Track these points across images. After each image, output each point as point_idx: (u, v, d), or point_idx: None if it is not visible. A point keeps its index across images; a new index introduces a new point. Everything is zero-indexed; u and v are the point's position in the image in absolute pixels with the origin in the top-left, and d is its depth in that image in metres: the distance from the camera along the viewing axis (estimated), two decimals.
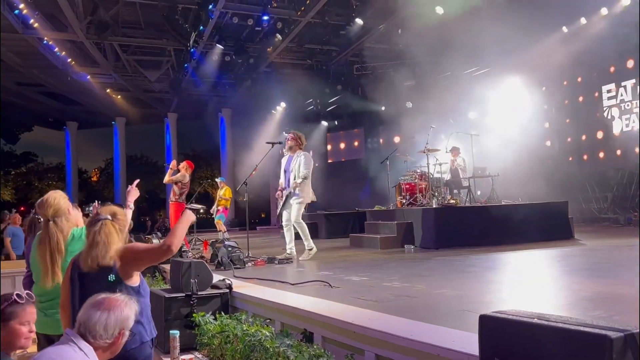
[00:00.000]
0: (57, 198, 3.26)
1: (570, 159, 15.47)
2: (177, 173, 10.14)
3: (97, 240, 2.68)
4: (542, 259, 6.94)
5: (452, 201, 9.78)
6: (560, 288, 4.74)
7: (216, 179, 12.87)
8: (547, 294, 4.46)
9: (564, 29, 14.13)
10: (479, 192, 11.66)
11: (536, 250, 7.67)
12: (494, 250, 7.79)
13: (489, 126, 16.28)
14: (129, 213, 3.43)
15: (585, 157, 15.04)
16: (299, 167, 7.51)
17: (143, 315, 2.68)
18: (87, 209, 7.20)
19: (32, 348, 3.19)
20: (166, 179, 10.27)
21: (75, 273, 2.76)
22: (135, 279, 2.74)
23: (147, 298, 2.79)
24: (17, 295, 2.27)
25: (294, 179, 7.50)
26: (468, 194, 10.78)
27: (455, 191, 11.26)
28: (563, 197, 14.02)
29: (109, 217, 2.76)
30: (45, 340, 3.22)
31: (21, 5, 14.94)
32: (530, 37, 14.00)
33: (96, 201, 5.09)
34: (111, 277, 2.65)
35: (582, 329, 1.60)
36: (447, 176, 11.41)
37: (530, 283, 5.02)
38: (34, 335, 2.34)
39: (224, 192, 12.01)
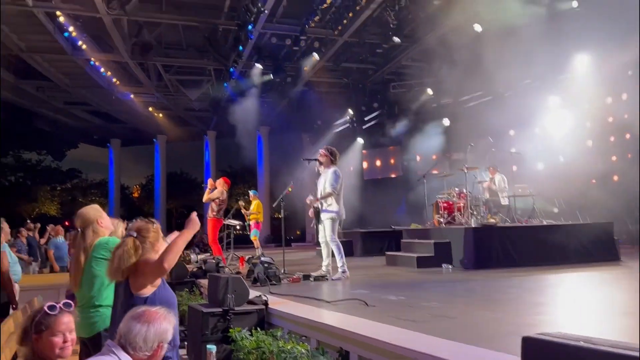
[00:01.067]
0: (86, 210, 3.54)
1: (615, 178, 14.94)
2: (215, 190, 10.33)
3: (115, 255, 2.83)
4: (586, 281, 6.71)
5: (491, 220, 9.58)
6: (605, 311, 4.56)
7: (250, 192, 12.99)
8: (592, 317, 4.29)
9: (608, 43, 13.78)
10: (519, 212, 11.37)
11: (580, 272, 7.41)
12: (535, 271, 7.57)
13: (529, 144, 15.95)
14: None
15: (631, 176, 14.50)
16: (325, 182, 7.51)
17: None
18: (130, 224, 7.41)
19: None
20: (205, 197, 10.49)
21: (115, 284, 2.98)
22: (147, 290, 2.82)
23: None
24: (49, 306, 2.33)
25: (320, 195, 7.51)
26: (508, 213, 10.54)
27: (494, 210, 11.03)
28: (608, 217, 13.57)
29: (134, 233, 2.86)
30: (81, 342, 3.37)
31: (71, 28, 15.62)
32: (572, 53, 13.74)
33: (139, 217, 5.23)
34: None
35: (631, 353, 1.53)
36: (486, 195, 11.19)
37: (574, 306, 4.85)
38: (73, 345, 2.38)
39: (253, 207, 12.08)
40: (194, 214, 3.22)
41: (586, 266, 8.06)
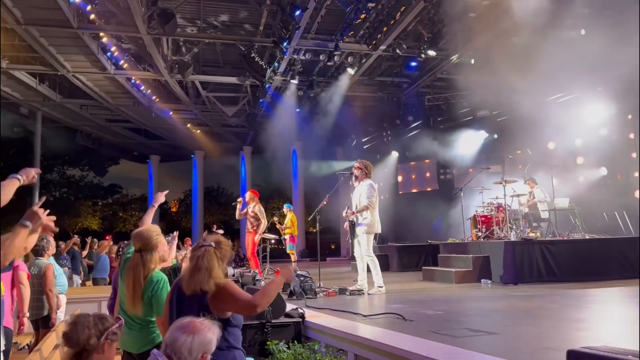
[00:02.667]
0: (150, 232, 3.47)
1: (636, 193, 14.40)
2: (246, 206, 10.49)
3: (200, 265, 2.81)
4: (630, 296, 6.47)
5: (531, 234, 9.38)
6: None
7: (284, 205, 13.07)
8: (636, 334, 4.13)
9: None
10: (559, 225, 11.07)
11: (623, 287, 7.16)
12: (576, 286, 7.37)
13: (569, 156, 15.55)
14: (152, 211, 3.94)
15: None
16: (359, 196, 7.51)
17: (233, 341, 2.82)
18: (166, 237, 7.59)
19: None
20: (237, 214, 10.69)
21: (175, 295, 2.92)
22: (226, 313, 2.83)
23: (238, 328, 2.89)
24: (119, 317, 2.44)
25: (355, 208, 7.50)
26: (549, 227, 10.29)
27: (534, 224, 10.78)
28: None
29: (213, 244, 2.90)
30: (126, 356, 3.44)
31: (113, 48, 16.20)
32: (614, 62, 13.38)
33: (175, 232, 5.37)
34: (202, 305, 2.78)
35: None
36: (525, 208, 10.95)
37: (618, 321, 4.69)
38: None
39: (287, 221, 12.14)
40: (292, 266, 3.22)
41: (630, 281, 7.78)
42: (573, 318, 4.96)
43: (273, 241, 12.22)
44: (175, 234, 5.22)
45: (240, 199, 11.02)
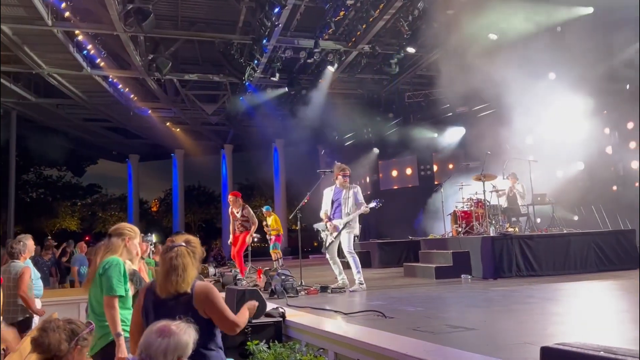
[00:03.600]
0: (125, 225, 3.72)
1: (637, 184, 14.68)
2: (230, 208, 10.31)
3: (174, 266, 2.75)
4: (607, 290, 6.59)
5: (510, 229, 9.49)
6: (628, 321, 4.46)
7: (262, 208, 12.97)
8: (614, 327, 4.21)
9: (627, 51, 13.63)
10: (538, 220, 11.22)
11: (601, 281, 7.28)
12: (555, 280, 7.47)
13: (547, 151, 15.75)
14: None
15: None
16: (349, 200, 7.50)
17: (214, 344, 2.81)
18: (145, 238, 7.52)
19: None
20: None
21: (150, 301, 2.83)
22: None
23: (218, 328, 2.89)
24: (90, 322, 2.40)
25: (348, 211, 7.47)
26: (527, 221, 10.41)
27: (513, 219, 10.90)
28: (631, 225, 13.31)
29: (183, 243, 2.86)
30: None
31: (89, 46, 15.94)
32: (588, 61, 13.59)
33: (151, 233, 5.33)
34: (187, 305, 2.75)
35: None
36: (504, 203, 11.06)
37: (595, 315, 4.76)
38: None
39: (271, 222, 12.13)
40: (254, 304, 3.19)
41: (608, 274, 7.93)
42: (551, 312, 5.02)
43: (256, 239, 12.18)
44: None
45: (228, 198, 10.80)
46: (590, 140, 15.37)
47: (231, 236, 9.84)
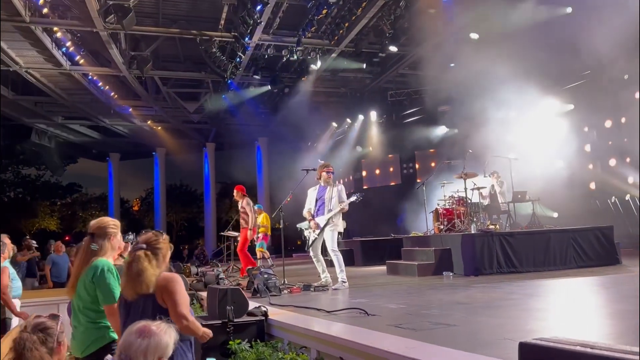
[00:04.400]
0: (107, 221, 3.48)
1: (615, 182, 14.94)
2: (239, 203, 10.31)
3: (132, 271, 2.77)
4: (586, 285, 6.69)
5: (491, 227, 9.59)
6: (606, 316, 4.54)
7: (254, 206, 12.94)
8: (592, 322, 4.28)
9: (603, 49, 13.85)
10: (519, 218, 11.35)
11: (580, 276, 7.40)
12: (535, 277, 7.56)
13: (528, 149, 15.95)
14: None
15: (630, 179, 14.51)
16: (333, 199, 7.51)
17: (186, 342, 2.77)
18: (126, 237, 7.44)
19: None
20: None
21: (122, 301, 2.87)
22: None
23: None
24: (53, 314, 2.35)
25: (331, 208, 7.48)
26: (508, 219, 10.53)
27: (494, 216, 11.01)
28: (608, 221, 13.53)
29: (144, 246, 2.83)
30: None
31: (68, 43, 15.70)
32: (568, 59, 13.79)
33: (146, 230, 5.24)
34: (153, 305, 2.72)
35: (626, 356, 1.53)
36: (486, 201, 11.17)
37: (574, 311, 4.83)
38: None
39: (261, 220, 12.10)
40: (209, 333, 3.10)
41: (587, 270, 8.05)
42: (531, 308, 5.08)
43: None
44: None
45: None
46: (570, 139, 15.62)
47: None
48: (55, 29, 14.80)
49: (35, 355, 2.17)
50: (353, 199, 7.52)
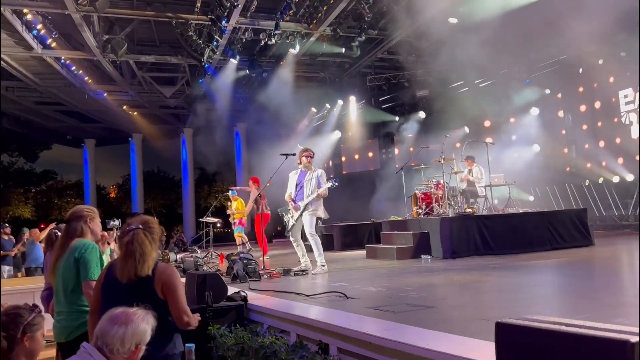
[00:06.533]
0: (80, 207, 3.51)
1: (589, 165, 15.25)
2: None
3: (131, 250, 2.67)
4: (561, 266, 6.83)
5: (468, 210, 9.69)
6: (580, 296, 4.64)
7: (227, 193, 12.88)
8: (567, 301, 4.37)
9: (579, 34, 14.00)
10: (496, 201, 11.51)
11: (555, 258, 7.55)
12: (512, 259, 7.69)
13: (504, 134, 16.15)
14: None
15: (604, 163, 14.81)
16: (312, 183, 7.51)
17: (175, 328, 2.76)
18: (111, 223, 7.35)
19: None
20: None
21: (110, 284, 2.74)
22: None
23: None
24: (35, 305, 2.30)
25: (309, 193, 7.49)
26: (485, 202, 10.67)
27: (471, 200, 11.14)
28: (582, 204, 13.83)
29: (140, 226, 2.76)
30: (60, 348, 3.27)
31: (39, 26, 15.26)
32: (544, 44, 13.92)
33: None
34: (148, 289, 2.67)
35: (600, 334, 1.56)
36: (463, 185, 11.30)
37: (550, 291, 4.93)
38: None
39: (236, 206, 12.05)
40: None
41: (561, 252, 8.22)
42: (507, 289, 5.17)
43: (219, 225, 12.07)
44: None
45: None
46: (546, 123, 15.83)
47: None
48: (25, 10, 14.36)
49: None
50: (328, 185, 7.52)
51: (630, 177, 13.90)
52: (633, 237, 11.12)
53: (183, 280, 6.30)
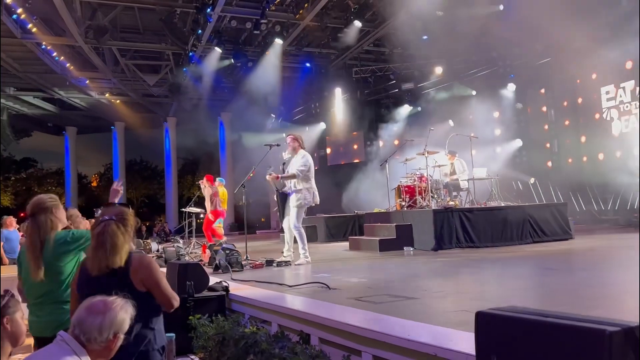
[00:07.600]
0: (42, 197, 3.26)
1: (570, 160, 15.45)
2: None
3: (101, 242, 2.61)
4: (541, 259, 6.91)
5: (451, 203, 9.75)
6: (559, 287, 4.69)
7: (216, 180, 12.80)
8: (547, 293, 4.42)
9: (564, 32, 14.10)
10: (478, 194, 11.60)
11: (535, 251, 7.64)
12: (493, 251, 7.77)
13: (488, 128, 16.24)
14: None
15: (584, 158, 15.01)
16: (294, 162, 7.53)
17: (154, 322, 2.68)
18: (97, 213, 7.26)
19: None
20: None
21: (84, 277, 2.68)
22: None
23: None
24: (6, 290, 2.25)
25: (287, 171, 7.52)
26: (467, 195, 10.73)
27: (454, 193, 11.20)
28: (563, 198, 14.00)
29: (114, 217, 2.70)
30: (39, 344, 3.18)
31: (19, 10, 14.94)
32: (528, 40, 13.99)
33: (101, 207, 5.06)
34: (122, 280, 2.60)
35: (579, 324, 1.56)
36: (446, 178, 11.35)
37: (529, 282, 4.99)
38: None
39: (221, 194, 11.96)
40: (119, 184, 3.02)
41: (541, 245, 8.32)
42: (488, 281, 5.21)
43: (202, 215, 12.00)
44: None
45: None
46: (528, 118, 15.97)
47: None
48: None
49: None
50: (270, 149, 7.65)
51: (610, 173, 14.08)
52: (612, 231, 11.30)
53: (163, 270, 6.26)
